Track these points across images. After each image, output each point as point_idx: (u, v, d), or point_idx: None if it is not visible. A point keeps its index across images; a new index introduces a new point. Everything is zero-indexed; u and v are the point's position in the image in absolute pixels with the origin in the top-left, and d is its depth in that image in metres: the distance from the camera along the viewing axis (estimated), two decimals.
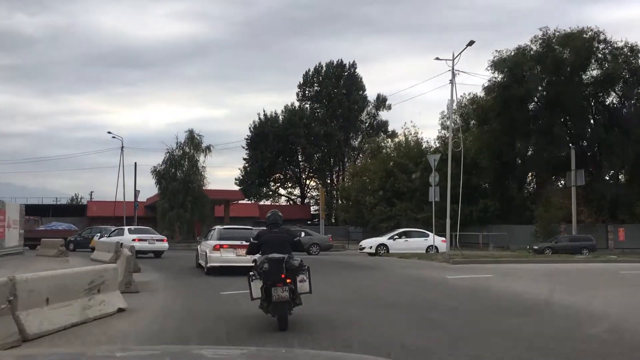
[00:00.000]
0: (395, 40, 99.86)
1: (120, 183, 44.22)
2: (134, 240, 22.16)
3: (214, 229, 17.67)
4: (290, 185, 69.66)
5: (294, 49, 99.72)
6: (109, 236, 24.47)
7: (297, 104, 65.34)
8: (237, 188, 60.83)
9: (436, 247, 25.97)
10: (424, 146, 44.28)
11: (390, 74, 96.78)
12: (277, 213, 8.66)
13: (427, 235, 27.23)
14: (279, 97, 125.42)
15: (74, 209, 62.53)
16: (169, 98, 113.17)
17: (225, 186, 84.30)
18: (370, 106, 66.19)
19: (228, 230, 16.93)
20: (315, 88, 65.79)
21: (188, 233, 40.77)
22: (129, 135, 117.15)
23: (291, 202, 68.90)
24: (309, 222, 59.12)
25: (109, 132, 46.48)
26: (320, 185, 61.62)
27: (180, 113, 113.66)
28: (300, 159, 67.12)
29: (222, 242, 15.37)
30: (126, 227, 26.40)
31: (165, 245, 24.35)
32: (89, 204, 58.15)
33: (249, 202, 60.76)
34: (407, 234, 28.82)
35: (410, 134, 45.88)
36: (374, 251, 27.45)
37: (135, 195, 38.34)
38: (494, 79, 38.15)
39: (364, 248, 28.63)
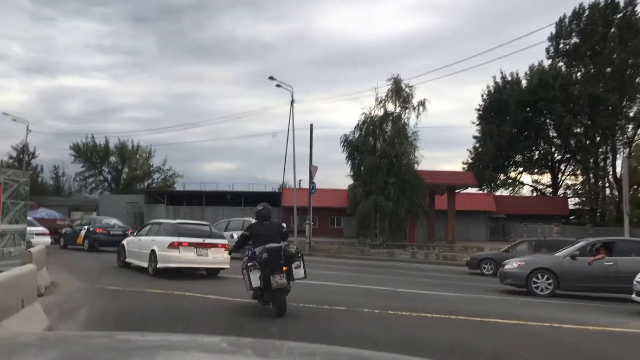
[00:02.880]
0: None
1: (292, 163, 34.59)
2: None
3: (160, 223, 15.02)
4: (537, 170, 53.10)
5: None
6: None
7: (546, 62, 48.76)
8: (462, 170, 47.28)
9: None
10: None
11: None
12: (267, 206, 9.17)
13: None
14: (520, 59, 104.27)
15: (267, 197, 56.43)
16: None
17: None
18: None
19: (187, 226, 14.28)
20: (574, 40, 48.27)
21: (392, 232, 28.91)
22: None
23: (539, 193, 52.43)
24: (563, 220, 42.77)
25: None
26: (625, 156, 40.13)
27: None
28: (553, 134, 50.18)
29: (181, 239, 13.18)
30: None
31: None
32: (284, 191, 50.95)
33: (480, 191, 46.63)
34: None
35: None
36: None
37: (311, 175, 27.67)
38: None
39: None
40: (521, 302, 11.81)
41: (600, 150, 48.40)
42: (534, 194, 52.49)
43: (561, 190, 51.63)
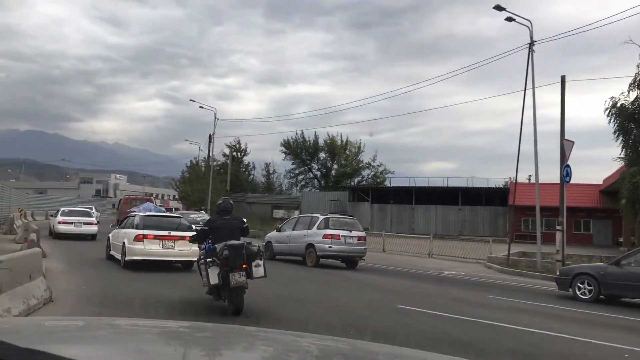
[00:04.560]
0: None
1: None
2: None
3: (134, 216, 14.96)
4: None
5: None
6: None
7: None
8: None
9: None
10: None
11: None
12: (228, 200, 9.07)
13: None
14: None
15: (491, 194, 45.90)
16: None
17: None
18: None
19: (153, 218, 14.46)
20: None
21: None
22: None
23: None
24: None
25: None
26: None
27: None
28: None
29: (145, 232, 13.19)
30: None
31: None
32: (513, 187, 40.35)
33: None
34: None
35: None
36: None
37: (564, 152, 17.24)
38: None
39: None
40: None
41: None
42: None
43: None
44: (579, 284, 12.23)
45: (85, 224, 22.37)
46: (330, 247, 16.27)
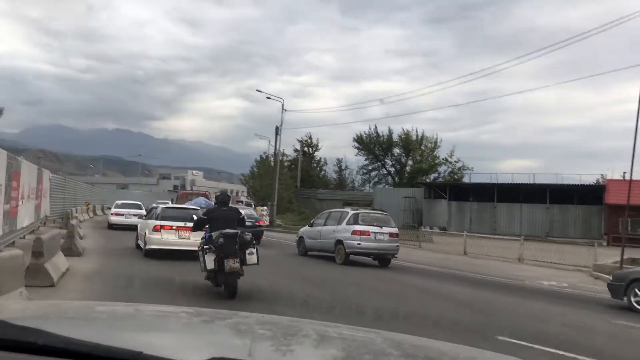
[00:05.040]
0: None
1: None
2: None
3: (157, 207, 16.10)
4: None
5: None
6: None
7: None
8: None
9: None
10: None
11: None
12: (226, 193, 10.18)
13: None
14: None
15: (584, 192, 41.39)
16: None
17: None
18: None
19: (171, 210, 15.44)
20: None
21: None
22: None
23: None
24: None
25: None
26: None
27: None
28: None
29: (163, 223, 14.00)
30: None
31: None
32: (608, 183, 36.13)
33: None
34: None
35: None
36: None
37: None
38: None
39: None
40: None
41: None
42: None
43: None
44: (636, 290, 10.63)
45: (134, 215, 23.62)
46: (359, 243, 15.56)
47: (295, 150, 58.61)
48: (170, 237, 13.75)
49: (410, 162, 60.49)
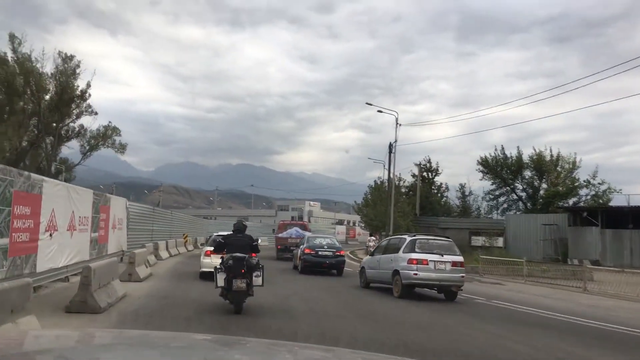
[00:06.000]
0: None
1: None
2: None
3: (211, 235, 19.47)
4: None
5: None
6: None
7: None
8: None
9: None
10: None
11: None
12: (242, 222, 11.25)
13: None
14: None
15: None
16: None
17: None
18: None
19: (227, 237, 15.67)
20: None
21: None
22: None
23: None
24: None
25: None
26: None
27: None
28: None
29: (211, 248, 15.15)
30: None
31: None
32: None
33: None
34: None
35: None
36: None
37: None
38: None
39: None
40: None
41: None
42: None
43: None
44: None
45: None
46: (416, 274, 14.26)
47: (413, 176, 53.97)
48: (214, 261, 14.73)
49: (544, 186, 53.21)
